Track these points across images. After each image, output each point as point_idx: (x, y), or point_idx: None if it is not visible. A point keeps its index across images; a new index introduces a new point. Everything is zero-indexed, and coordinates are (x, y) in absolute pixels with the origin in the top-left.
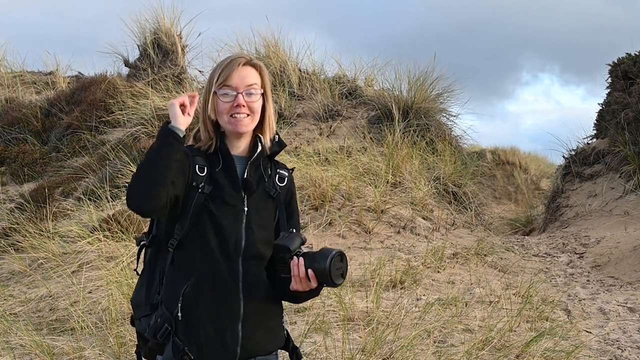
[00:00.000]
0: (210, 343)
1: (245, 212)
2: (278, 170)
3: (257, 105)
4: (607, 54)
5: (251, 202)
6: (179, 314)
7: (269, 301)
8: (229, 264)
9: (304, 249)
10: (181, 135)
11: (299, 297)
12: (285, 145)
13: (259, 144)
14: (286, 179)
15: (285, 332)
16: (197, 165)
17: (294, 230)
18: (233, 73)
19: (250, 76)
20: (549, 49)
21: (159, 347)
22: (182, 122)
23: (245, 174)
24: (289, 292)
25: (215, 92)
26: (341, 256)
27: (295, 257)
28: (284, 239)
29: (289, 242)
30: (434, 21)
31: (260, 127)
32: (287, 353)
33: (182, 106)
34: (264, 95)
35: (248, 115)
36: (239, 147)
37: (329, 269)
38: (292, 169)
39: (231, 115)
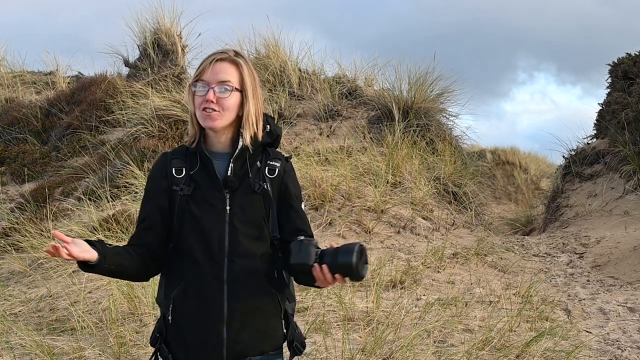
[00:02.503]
0: (196, 346)
1: (228, 211)
2: (269, 162)
3: (229, 103)
4: (603, 53)
5: (234, 200)
6: (169, 318)
7: (259, 300)
8: (212, 265)
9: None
10: (94, 259)
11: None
12: (279, 134)
13: (240, 139)
14: (277, 169)
15: (284, 329)
16: (173, 169)
17: (301, 238)
18: (207, 68)
19: (224, 72)
20: (545, 48)
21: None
22: (90, 260)
23: (229, 171)
24: (310, 282)
25: (192, 87)
26: (361, 250)
27: (315, 264)
28: (298, 255)
29: (305, 258)
30: (429, 22)
31: (241, 124)
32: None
33: (68, 254)
34: (242, 92)
35: (218, 111)
36: (220, 143)
37: (356, 266)
38: (289, 157)
39: (203, 110)
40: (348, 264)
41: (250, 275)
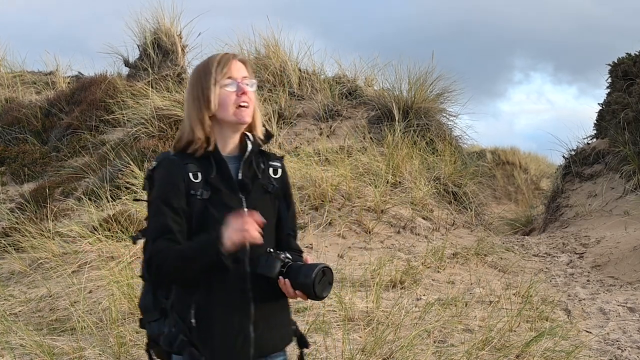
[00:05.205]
0: (224, 347)
1: (245, 213)
2: (270, 162)
3: (254, 97)
4: (601, 53)
5: (250, 202)
6: (192, 321)
7: (278, 297)
8: (235, 267)
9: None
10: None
11: None
12: (272, 136)
13: (248, 141)
14: (279, 169)
15: (294, 326)
16: (190, 173)
17: (271, 250)
18: (232, 65)
19: (243, 69)
20: (542, 48)
21: (168, 353)
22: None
23: (240, 174)
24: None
25: (219, 85)
26: (324, 271)
27: (280, 277)
28: (263, 267)
29: (268, 271)
30: (428, 22)
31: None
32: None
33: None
34: None
35: (249, 106)
36: (230, 147)
37: (313, 287)
38: (282, 157)
39: (238, 106)
40: (306, 284)
41: None
